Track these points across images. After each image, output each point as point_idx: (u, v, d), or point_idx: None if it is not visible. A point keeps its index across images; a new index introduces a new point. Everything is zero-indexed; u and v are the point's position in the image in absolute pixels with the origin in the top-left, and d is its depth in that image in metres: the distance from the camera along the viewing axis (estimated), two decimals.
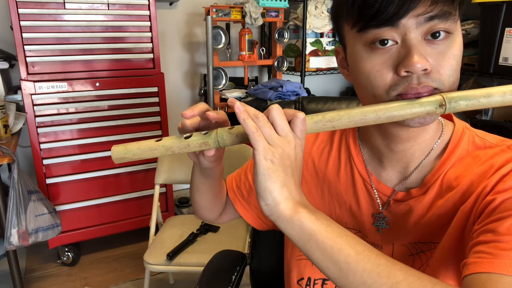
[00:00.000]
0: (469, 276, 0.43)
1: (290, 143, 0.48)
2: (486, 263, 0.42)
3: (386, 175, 0.62)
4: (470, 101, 0.47)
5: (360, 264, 0.43)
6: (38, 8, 1.76)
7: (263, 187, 0.47)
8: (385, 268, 0.42)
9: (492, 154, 0.55)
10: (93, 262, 2.14)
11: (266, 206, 0.47)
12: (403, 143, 0.58)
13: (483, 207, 0.50)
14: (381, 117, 0.49)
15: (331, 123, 0.49)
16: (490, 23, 1.99)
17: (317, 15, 2.69)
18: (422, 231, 0.58)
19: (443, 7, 0.47)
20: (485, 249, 0.44)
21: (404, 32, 0.48)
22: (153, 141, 0.52)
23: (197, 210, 0.76)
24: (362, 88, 0.53)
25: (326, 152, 0.70)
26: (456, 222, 0.53)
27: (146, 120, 2.08)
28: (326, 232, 0.45)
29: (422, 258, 0.59)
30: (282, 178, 0.47)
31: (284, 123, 0.48)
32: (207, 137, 0.51)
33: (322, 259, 0.45)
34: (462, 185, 0.55)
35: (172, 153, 0.52)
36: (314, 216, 0.46)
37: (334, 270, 0.44)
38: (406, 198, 0.60)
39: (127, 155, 0.52)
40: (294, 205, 0.46)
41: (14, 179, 1.60)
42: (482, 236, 0.46)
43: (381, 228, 0.62)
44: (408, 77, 0.48)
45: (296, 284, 0.70)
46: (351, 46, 0.54)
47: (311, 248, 0.45)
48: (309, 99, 0.98)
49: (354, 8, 0.50)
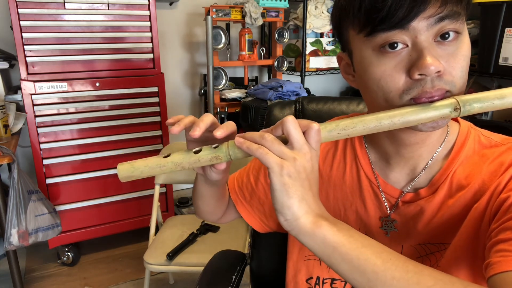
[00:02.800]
0: (495, 276, 0.42)
1: (306, 155, 0.47)
2: (511, 261, 0.42)
3: (393, 176, 0.62)
4: (484, 103, 0.47)
5: (388, 272, 0.42)
6: (38, 8, 1.76)
7: (280, 203, 0.46)
8: (414, 274, 0.41)
9: (500, 152, 0.55)
10: (93, 262, 2.14)
11: (285, 221, 0.46)
12: (411, 146, 0.57)
13: (497, 205, 0.49)
14: (396, 123, 0.48)
15: (346, 131, 0.49)
16: (490, 23, 1.99)
17: (317, 15, 2.69)
18: (432, 232, 0.58)
19: (453, 7, 0.46)
20: (506, 247, 0.43)
21: (415, 35, 0.47)
22: (161, 158, 0.51)
23: (199, 213, 0.75)
24: (372, 93, 0.52)
25: (331, 154, 0.69)
26: (469, 222, 0.53)
27: (146, 120, 2.08)
28: (349, 243, 0.44)
29: (431, 260, 0.58)
30: (300, 192, 0.46)
31: (299, 135, 0.47)
32: (217, 151, 0.50)
33: (349, 270, 0.44)
34: (473, 184, 0.55)
35: (182, 169, 0.51)
36: (336, 227, 0.45)
37: (362, 281, 0.43)
38: (415, 199, 0.59)
39: (134, 173, 0.51)
40: (315, 219, 0.46)
41: (14, 179, 1.60)
42: (501, 234, 0.45)
43: (389, 232, 0.62)
44: (421, 80, 0.48)
45: (305, 283, 0.70)
46: (358, 51, 0.53)
47: (336, 261, 0.44)
48: (309, 99, 0.98)
49: (361, 12, 0.49)
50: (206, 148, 0.51)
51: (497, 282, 0.41)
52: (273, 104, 0.99)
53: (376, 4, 0.46)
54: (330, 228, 0.45)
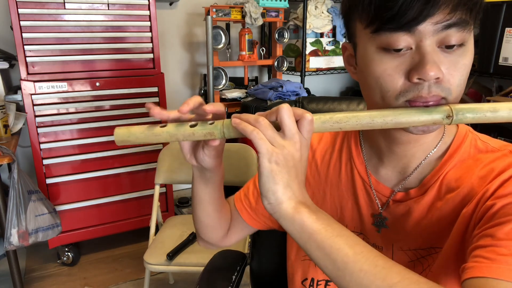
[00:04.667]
0: (467, 280, 0.43)
1: (296, 144, 0.48)
2: (484, 267, 0.42)
3: (385, 174, 0.62)
4: (476, 114, 0.48)
5: (357, 264, 0.43)
6: (38, 8, 1.76)
7: (266, 188, 0.47)
8: (382, 269, 0.42)
9: (494, 158, 0.55)
10: (93, 262, 2.14)
11: (269, 205, 0.48)
12: (404, 144, 0.58)
13: (483, 211, 0.49)
14: (389, 123, 0.49)
15: (339, 125, 0.50)
16: (490, 23, 1.99)
17: (317, 15, 2.70)
18: (421, 235, 0.58)
19: (461, 15, 0.46)
20: (483, 254, 0.44)
21: (420, 39, 0.47)
22: (158, 127, 0.52)
23: (201, 231, 0.74)
24: (371, 89, 0.53)
25: (329, 154, 0.70)
26: (457, 227, 0.53)
27: (146, 120, 2.08)
28: (326, 232, 0.45)
29: (423, 264, 0.58)
30: (286, 179, 0.47)
31: (292, 124, 0.48)
32: (213, 127, 0.51)
33: (321, 257, 0.45)
34: (462, 188, 0.54)
35: (176, 140, 0.52)
36: (315, 215, 0.46)
37: (332, 269, 0.44)
38: (405, 198, 0.60)
39: (130, 138, 0.52)
40: (296, 205, 0.47)
41: (14, 179, 1.60)
42: (481, 240, 0.46)
43: (380, 228, 0.62)
44: (419, 84, 0.48)
45: (300, 284, 0.70)
46: (363, 46, 0.53)
47: (311, 247, 0.46)
48: (309, 99, 0.98)
49: (370, 7, 0.48)
50: (201, 123, 0.52)
51: (469, 287, 0.42)
52: (273, 104, 0.99)
53: (387, 2, 0.46)
54: (310, 216, 0.46)
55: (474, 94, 2.23)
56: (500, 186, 0.51)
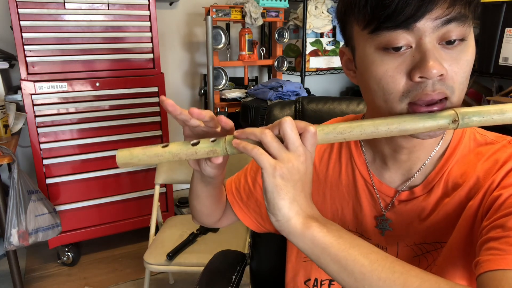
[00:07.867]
0: (483, 274, 0.42)
1: (300, 157, 0.47)
2: (500, 260, 0.42)
3: (389, 176, 0.62)
4: (483, 117, 0.47)
5: (374, 273, 0.42)
6: (38, 8, 1.76)
7: (272, 204, 0.46)
8: (400, 275, 0.42)
9: (495, 150, 0.55)
10: (93, 262, 2.14)
11: (277, 222, 0.47)
12: (409, 149, 0.57)
13: (490, 202, 0.49)
14: (393, 131, 0.48)
15: (342, 135, 0.49)
16: (490, 23, 1.99)
17: (317, 15, 2.69)
18: (427, 231, 0.58)
19: (461, 9, 0.46)
20: (496, 245, 0.43)
21: (419, 36, 0.46)
22: (159, 147, 0.51)
23: (196, 216, 0.75)
24: (372, 92, 0.52)
25: (327, 155, 0.69)
26: (463, 220, 0.53)
27: (146, 120, 2.08)
28: (338, 244, 0.45)
29: (428, 259, 0.58)
30: (292, 194, 0.46)
31: (295, 137, 0.47)
32: (215, 145, 0.50)
33: (337, 271, 0.44)
34: (467, 182, 0.54)
35: (179, 160, 0.51)
36: (326, 228, 0.46)
37: (349, 281, 0.44)
38: (411, 197, 0.59)
39: (132, 160, 0.51)
40: (305, 220, 0.46)
41: (14, 179, 1.60)
42: (491, 232, 0.45)
43: (384, 231, 0.62)
44: (422, 83, 0.47)
45: (303, 284, 0.70)
46: (361, 48, 0.52)
47: (325, 261, 0.45)
48: (309, 99, 0.98)
49: (367, 8, 0.47)
50: (204, 141, 0.51)
51: (486, 281, 0.42)
52: (273, 104, 0.99)
53: (383, 0, 0.45)
54: (320, 229, 0.45)
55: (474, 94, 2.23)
56: (505, 176, 0.51)
